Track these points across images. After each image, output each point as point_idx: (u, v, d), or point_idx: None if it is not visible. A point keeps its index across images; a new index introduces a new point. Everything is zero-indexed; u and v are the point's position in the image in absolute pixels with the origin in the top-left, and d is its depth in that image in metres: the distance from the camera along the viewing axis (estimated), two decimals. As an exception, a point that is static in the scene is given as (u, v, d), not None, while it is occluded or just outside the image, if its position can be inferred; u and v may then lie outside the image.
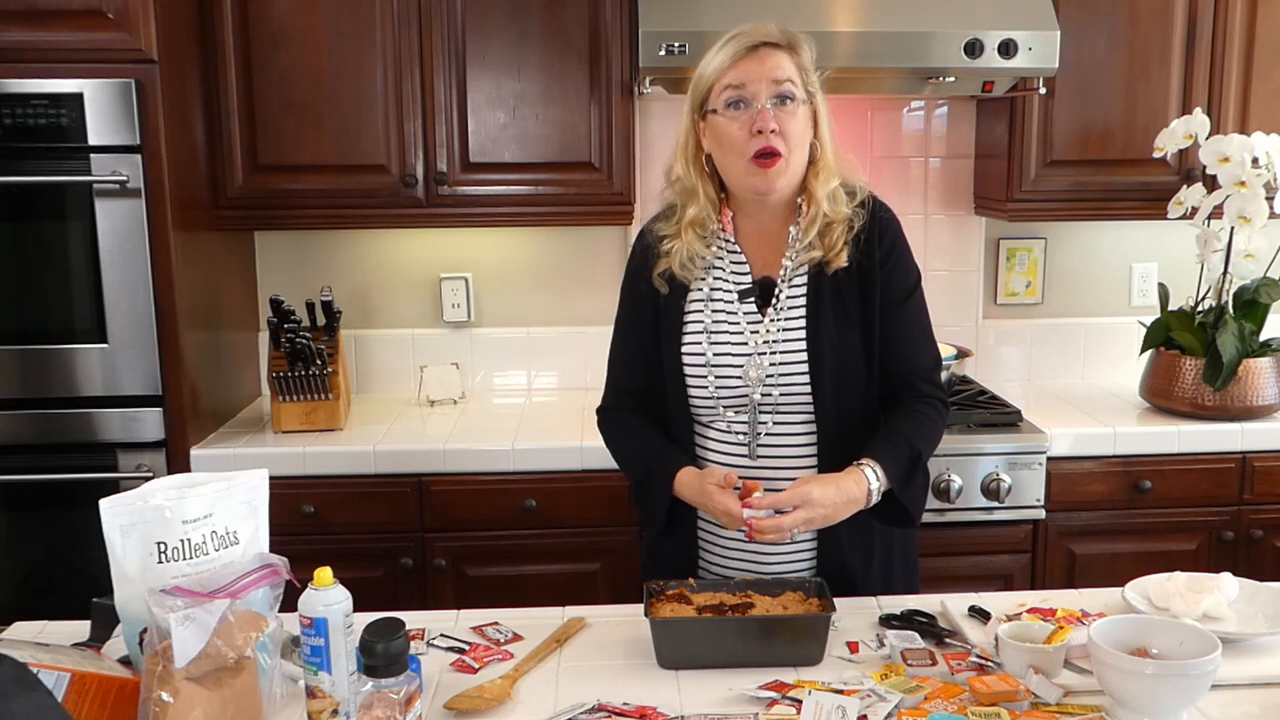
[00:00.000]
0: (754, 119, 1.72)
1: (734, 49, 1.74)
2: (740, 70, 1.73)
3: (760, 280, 1.83)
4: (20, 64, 2.44)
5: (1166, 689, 1.35)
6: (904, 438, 1.78)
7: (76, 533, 2.56)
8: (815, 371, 1.79)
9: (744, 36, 1.75)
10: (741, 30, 1.76)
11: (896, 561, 1.93)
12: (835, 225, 1.79)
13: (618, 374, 1.96)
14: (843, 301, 1.81)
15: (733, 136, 1.74)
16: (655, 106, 3.10)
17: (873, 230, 1.81)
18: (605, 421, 1.97)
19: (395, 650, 1.26)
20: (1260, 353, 2.78)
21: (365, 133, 2.78)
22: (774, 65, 1.73)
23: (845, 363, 1.80)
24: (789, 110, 1.73)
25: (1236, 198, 2.67)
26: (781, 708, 1.43)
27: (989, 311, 3.31)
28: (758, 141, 1.72)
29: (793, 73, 1.74)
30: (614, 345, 1.97)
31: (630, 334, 1.92)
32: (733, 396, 1.82)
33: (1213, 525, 2.78)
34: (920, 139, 3.22)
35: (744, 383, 1.80)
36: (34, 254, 2.51)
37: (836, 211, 1.80)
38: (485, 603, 1.85)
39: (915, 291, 1.86)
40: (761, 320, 1.82)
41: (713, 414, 1.85)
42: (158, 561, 1.37)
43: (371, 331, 3.20)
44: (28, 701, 1.16)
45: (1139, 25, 2.85)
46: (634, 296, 1.91)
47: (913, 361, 1.85)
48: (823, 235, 1.80)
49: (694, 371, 1.83)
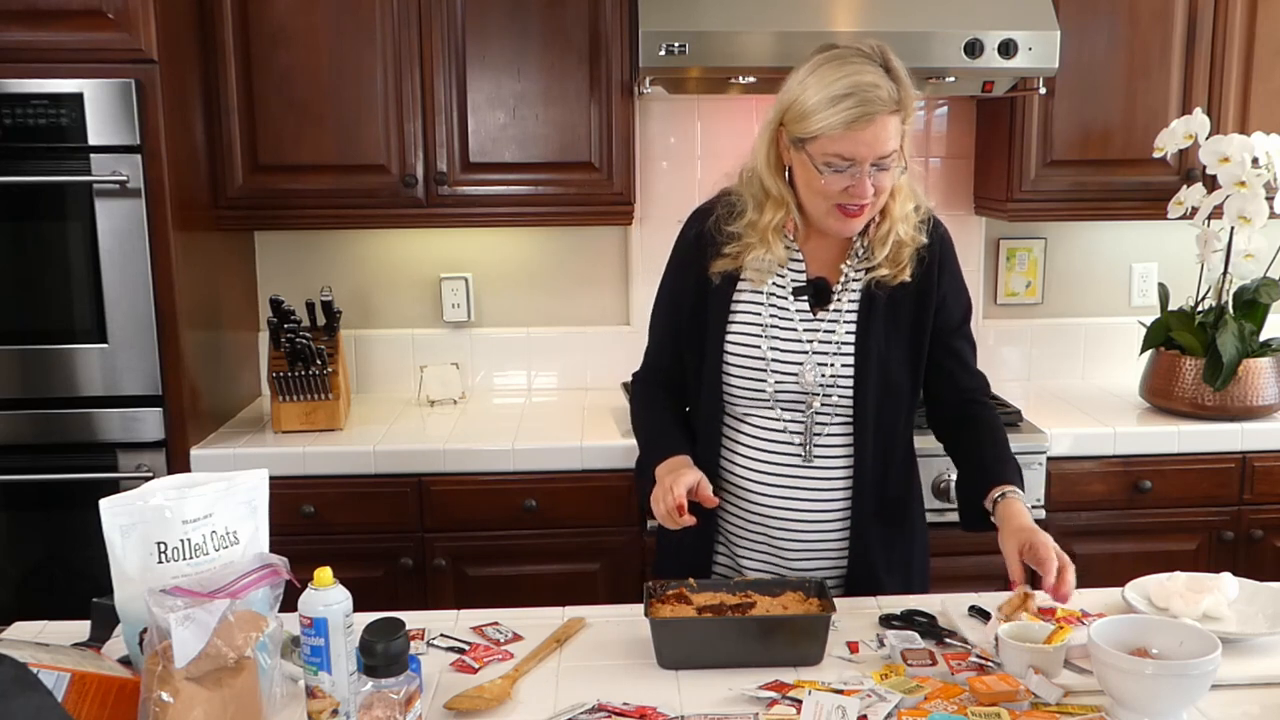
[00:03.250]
0: (852, 180, 1.69)
1: (851, 115, 1.64)
2: (851, 144, 1.66)
3: (814, 280, 1.83)
4: (20, 64, 2.43)
5: (1166, 689, 1.35)
6: (1004, 446, 1.85)
7: (76, 533, 2.56)
8: (860, 379, 1.79)
9: (861, 103, 1.64)
10: (858, 88, 1.64)
11: (917, 560, 1.95)
12: (905, 247, 1.79)
13: (652, 348, 1.99)
14: (895, 315, 1.81)
15: (825, 188, 1.71)
16: (655, 106, 3.10)
17: (933, 250, 1.83)
18: (635, 390, 2.02)
19: (395, 650, 1.26)
20: (1260, 353, 2.78)
21: (365, 133, 2.78)
22: (885, 138, 1.67)
23: (890, 374, 1.81)
24: (887, 171, 1.71)
25: (1236, 198, 2.67)
26: (781, 708, 1.43)
27: (989, 311, 3.31)
28: (851, 199, 1.71)
29: (897, 136, 1.69)
30: (654, 318, 1.98)
31: (669, 315, 1.94)
32: (786, 396, 1.82)
33: (1213, 525, 2.78)
34: (920, 139, 3.21)
35: (799, 384, 1.80)
36: (34, 254, 2.51)
37: (909, 234, 1.80)
38: (485, 603, 1.85)
39: (967, 320, 1.90)
40: (814, 320, 1.82)
41: (750, 408, 1.84)
42: (158, 561, 1.37)
43: (371, 331, 3.20)
44: (28, 701, 1.16)
45: (1139, 25, 2.85)
46: (680, 283, 1.90)
47: (972, 388, 1.91)
48: (892, 255, 1.79)
49: (737, 364, 1.83)
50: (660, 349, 1.97)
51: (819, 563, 1.87)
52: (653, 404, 1.96)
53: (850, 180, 1.69)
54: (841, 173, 1.69)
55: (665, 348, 1.95)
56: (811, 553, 1.87)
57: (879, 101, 1.65)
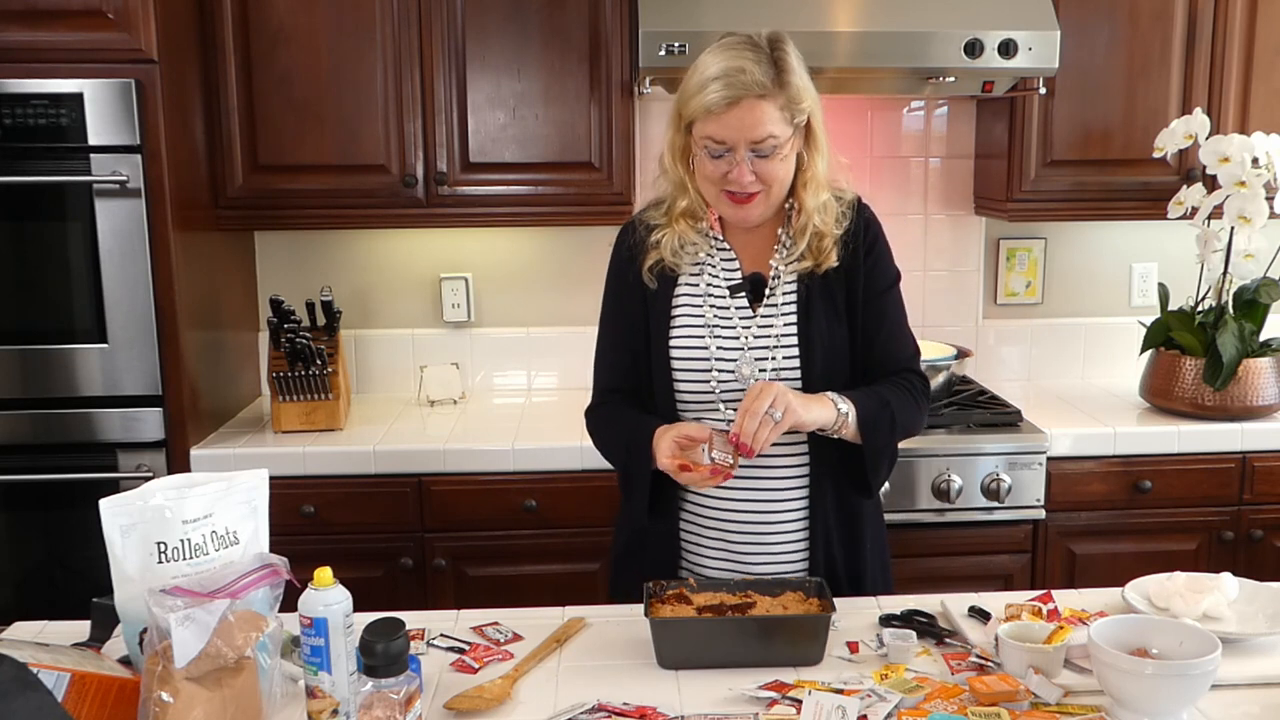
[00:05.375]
0: (730, 166, 1.71)
1: (717, 96, 1.67)
2: (720, 125, 1.68)
3: (750, 276, 1.84)
4: (20, 64, 2.44)
5: (1166, 689, 1.35)
6: (877, 392, 1.80)
7: (76, 533, 2.57)
8: (806, 366, 1.79)
9: (726, 85, 1.66)
10: (727, 71, 1.67)
11: (876, 566, 1.93)
12: (825, 236, 1.80)
13: (604, 373, 1.94)
14: (831, 297, 1.82)
15: (708, 171, 1.75)
16: (655, 106, 3.10)
17: (858, 231, 1.84)
18: (591, 420, 1.95)
19: (395, 650, 1.26)
20: (1260, 353, 2.78)
21: (365, 133, 2.78)
22: (754, 121, 1.68)
23: (835, 358, 1.82)
24: (772, 157, 1.72)
25: (1236, 198, 2.67)
26: (781, 708, 1.43)
27: (989, 311, 3.31)
28: (729, 184, 1.73)
29: (775, 122, 1.69)
30: (600, 343, 1.95)
31: (617, 331, 1.91)
32: (729, 392, 1.82)
33: (1213, 525, 2.78)
34: (920, 139, 3.22)
35: (735, 379, 1.80)
36: (34, 254, 2.51)
37: (826, 223, 1.81)
38: (485, 603, 1.85)
39: (895, 286, 1.88)
40: (753, 316, 1.82)
41: (701, 408, 1.84)
42: (158, 561, 1.37)
43: (371, 331, 3.20)
44: (28, 701, 1.16)
45: (1139, 25, 2.85)
46: (621, 291, 1.90)
47: (892, 350, 1.86)
48: (812, 246, 1.81)
49: (683, 366, 1.83)
50: (613, 371, 1.92)
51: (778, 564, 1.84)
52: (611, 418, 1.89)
53: (728, 166, 1.72)
54: (720, 158, 1.72)
55: (622, 366, 1.90)
56: (770, 554, 1.84)
57: (745, 85, 1.67)
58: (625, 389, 1.90)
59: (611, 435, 1.90)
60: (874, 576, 1.91)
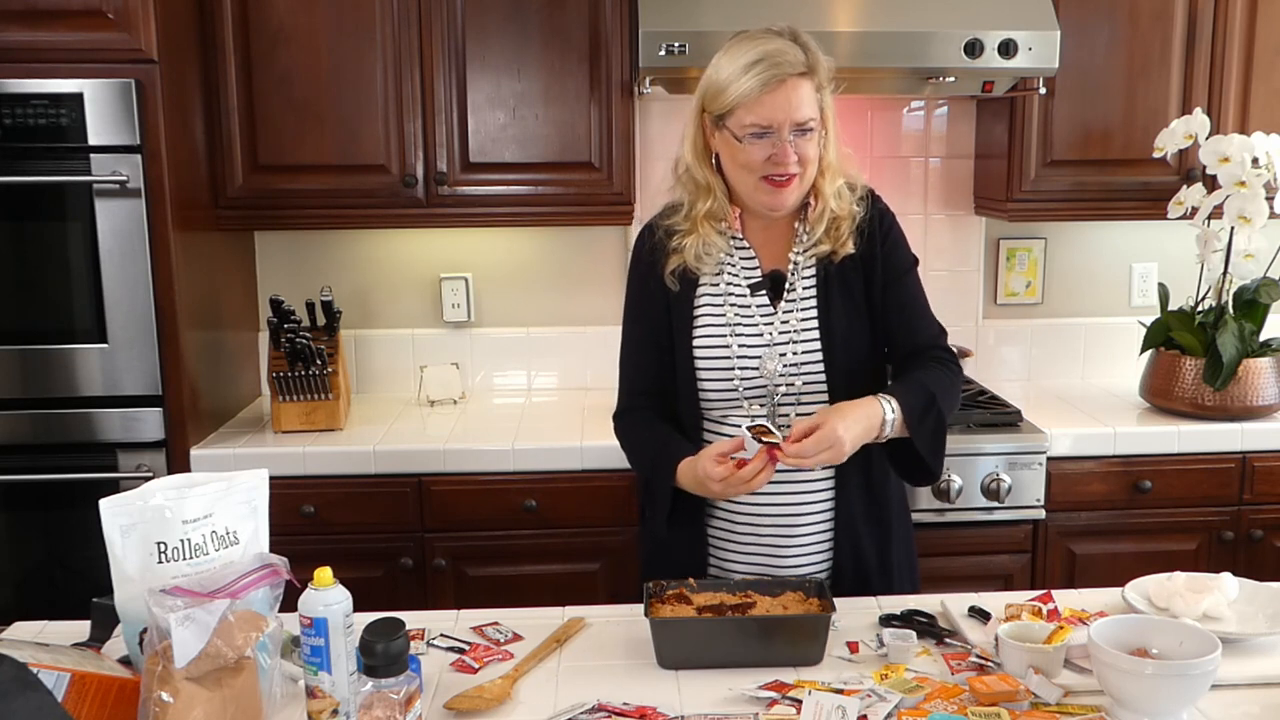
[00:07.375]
0: (774, 148, 1.73)
1: (760, 79, 1.70)
2: (766, 108, 1.71)
3: (770, 274, 1.86)
4: (20, 64, 2.43)
5: (1166, 689, 1.35)
6: (918, 380, 1.79)
7: (76, 533, 2.57)
8: (829, 359, 1.82)
9: (770, 66, 1.70)
10: (766, 54, 1.70)
11: (904, 558, 1.94)
12: (842, 221, 1.83)
13: (630, 376, 1.96)
14: (849, 288, 1.84)
15: (749, 159, 1.76)
16: (655, 106, 3.10)
17: (873, 221, 1.86)
18: (620, 426, 1.97)
19: (395, 650, 1.26)
20: (1260, 353, 2.78)
21: (365, 133, 2.78)
22: (799, 101, 1.72)
23: (856, 348, 1.84)
24: (808, 138, 1.75)
25: (1236, 198, 2.67)
26: (781, 708, 1.43)
27: (989, 311, 3.31)
28: (775, 168, 1.75)
29: (812, 102, 1.74)
30: (624, 347, 1.96)
31: (642, 334, 1.92)
32: (752, 389, 1.83)
33: (1213, 525, 2.78)
34: (920, 139, 3.22)
35: (761, 375, 1.82)
36: (34, 254, 2.51)
37: (842, 208, 1.84)
38: (485, 603, 1.85)
39: (913, 269, 1.90)
40: (774, 313, 1.84)
41: (726, 408, 1.85)
42: (158, 561, 1.37)
43: (371, 331, 3.20)
44: (28, 701, 1.16)
45: (1139, 25, 2.85)
46: (644, 295, 1.91)
47: (918, 330, 1.88)
48: (830, 230, 1.83)
49: (707, 366, 1.84)
50: (641, 372, 1.93)
51: (809, 559, 1.87)
52: (641, 429, 1.91)
53: (772, 148, 1.73)
54: (762, 139, 1.73)
55: (648, 369, 1.92)
56: (801, 549, 1.86)
57: (788, 64, 1.71)
58: (651, 391, 1.92)
59: (639, 446, 1.93)
60: (900, 566, 1.93)
